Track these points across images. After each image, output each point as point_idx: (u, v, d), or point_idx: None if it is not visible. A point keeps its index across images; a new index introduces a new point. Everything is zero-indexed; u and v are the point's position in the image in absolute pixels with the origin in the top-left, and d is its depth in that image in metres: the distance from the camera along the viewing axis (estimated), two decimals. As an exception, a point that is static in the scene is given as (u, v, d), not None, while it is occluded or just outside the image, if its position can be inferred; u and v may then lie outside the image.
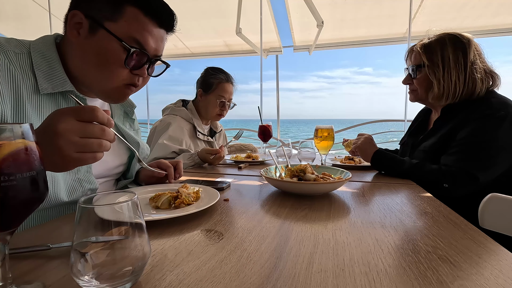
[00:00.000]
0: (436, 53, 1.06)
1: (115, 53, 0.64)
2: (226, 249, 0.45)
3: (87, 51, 0.65)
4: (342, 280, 0.36)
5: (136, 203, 0.34)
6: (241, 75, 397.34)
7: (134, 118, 0.96)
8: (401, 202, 0.72)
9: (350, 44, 4.05)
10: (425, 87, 1.13)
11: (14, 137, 0.31)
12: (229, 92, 1.62)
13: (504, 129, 0.94)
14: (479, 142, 0.95)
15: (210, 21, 3.95)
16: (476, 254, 0.43)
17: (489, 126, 0.95)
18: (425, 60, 1.08)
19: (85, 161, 0.49)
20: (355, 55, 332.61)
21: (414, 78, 1.16)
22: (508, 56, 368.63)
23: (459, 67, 1.04)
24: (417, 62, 1.12)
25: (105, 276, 0.32)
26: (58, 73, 0.65)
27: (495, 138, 0.94)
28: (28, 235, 0.50)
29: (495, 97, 1.02)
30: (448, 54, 1.04)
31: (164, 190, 0.73)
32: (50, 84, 0.64)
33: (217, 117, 1.66)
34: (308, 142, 1.30)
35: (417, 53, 1.12)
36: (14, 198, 0.31)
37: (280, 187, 0.81)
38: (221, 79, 1.60)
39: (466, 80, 1.03)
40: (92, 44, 0.64)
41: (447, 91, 1.05)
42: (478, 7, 3.18)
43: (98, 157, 0.50)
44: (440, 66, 1.05)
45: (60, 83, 0.65)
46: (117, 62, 0.65)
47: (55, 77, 0.65)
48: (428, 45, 1.09)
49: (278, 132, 4.45)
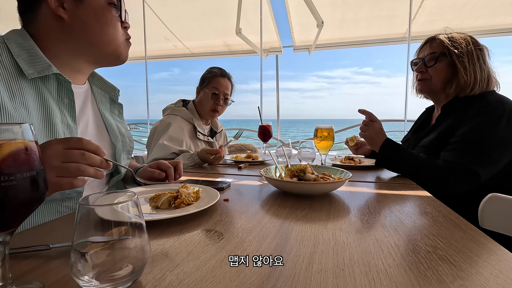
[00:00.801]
0: (461, 45, 1.08)
1: (108, 9, 0.70)
2: (226, 249, 0.45)
3: (85, 19, 0.68)
4: (342, 280, 0.36)
5: (136, 203, 0.34)
6: (241, 75, 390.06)
7: (121, 103, 0.95)
8: (401, 202, 0.72)
9: (350, 44, 4.05)
10: (443, 76, 1.12)
11: (14, 137, 0.31)
12: (223, 85, 1.59)
13: (502, 126, 0.95)
14: (478, 139, 0.96)
15: (210, 21, 3.95)
16: (476, 254, 0.43)
17: (487, 123, 0.97)
18: (451, 49, 1.08)
19: (62, 186, 0.49)
20: (355, 55, 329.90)
21: (431, 66, 1.13)
22: (508, 56, 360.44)
23: (480, 62, 1.07)
24: (440, 49, 1.11)
25: (105, 276, 0.32)
26: (40, 59, 0.66)
27: (493, 135, 0.95)
28: (28, 235, 0.50)
29: (493, 95, 1.04)
30: (472, 49, 1.07)
31: (164, 190, 0.73)
32: (35, 69, 0.65)
33: (211, 114, 1.61)
34: (308, 142, 1.30)
35: (440, 41, 1.11)
36: (14, 198, 0.31)
37: (280, 187, 0.81)
38: (215, 73, 1.60)
39: (484, 74, 1.06)
40: (86, 11, 0.68)
41: (473, 80, 1.06)
42: (478, 7, 3.18)
43: (76, 183, 0.50)
44: (466, 56, 1.07)
45: (45, 67, 0.66)
46: (114, 18, 0.71)
47: (38, 63, 0.65)
48: (452, 37, 1.11)
49: (278, 132, 4.45)
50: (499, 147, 0.95)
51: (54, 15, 0.67)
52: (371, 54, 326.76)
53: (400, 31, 3.65)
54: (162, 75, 24.75)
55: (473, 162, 0.94)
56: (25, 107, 0.62)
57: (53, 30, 0.68)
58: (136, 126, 7.25)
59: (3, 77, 0.60)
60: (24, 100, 0.62)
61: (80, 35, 0.69)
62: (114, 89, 0.91)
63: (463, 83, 1.07)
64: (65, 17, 0.67)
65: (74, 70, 0.76)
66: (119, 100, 0.95)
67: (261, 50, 3.65)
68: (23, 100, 0.62)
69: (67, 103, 0.72)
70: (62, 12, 0.66)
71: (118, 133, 0.88)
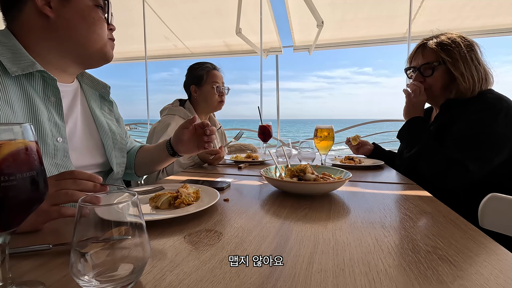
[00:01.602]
0: (453, 50, 1.07)
1: (94, 10, 0.72)
2: (226, 249, 0.45)
3: (71, 18, 0.69)
4: (342, 280, 0.36)
5: (136, 203, 0.34)
6: (241, 75, 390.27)
7: (112, 101, 0.95)
8: (401, 202, 0.72)
9: (350, 44, 4.04)
10: (442, 84, 1.12)
11: (14, 137, 0.31)
12: (219, 77, 1.66)
13: (499, 123, 0.96)
14: (473, 135, 0.97)
15: (210, 21, 3.95)
16: (476, 254, 0.43)
17: (484, 120, 0.97)
18: (444, 57, 1.08)
19: (50, 214, 0.50)
20: (355, 55, 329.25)
21: (428, 76, 1.14)
22: (508, 56, 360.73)
23: (475, 63, 1.07)
24: (434, 59, 1.11)
25: (105, 276, 0.32)
26: (24, 56, 0.66)
27: (489, 131, 0.96)
28: (28, 235, 0.50)
29: (491, 93, 1.04)
30: (465, 52, 1.06)
31: (164, 190, 0.73)
32: (19, 67, 0.65)
33: (219, 105, 1.67)
34: (308, 142, 1.29)
35: (432, 50, 1.11)
36: (14, 198, 0.31)
37: (280, 187, 0.81)
38: (209, 68, 1.65)
39: (481, 74, 1.06)
40: (72, 10, 0.69)
41: (472, 83, 1.05)
42: (478, 8, 3.17)
43: (64, 211, 0.50)
44: (460, 61, 1.06)
45: (29, 64, 0.66)
46: (101, 18, 0.73)
47: (22, 61, 0.66)
48: (442, 42, 1.10)
49: (278, 132, 4.45)
50: (494, 144, 0.96)
51: (39, 13, 0.67)
52: (371, 54, 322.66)
53: (400, 31, 3.65)
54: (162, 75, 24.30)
55: (464, 156, 0.96)
56: (10, 105, 0.62)
57: (37, 28, 0.69)
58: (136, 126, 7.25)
59: None
60: (8, 98, 0.63)
61: (65, 33, 0.70)
62: (104, 86, 0.91)
63: (463, 89, 1.07)
64: (51, 16, 0.68)
65: (60, 69, 0.77)
66: (114, 98, 0.96)
67: (261, 50, 3.65)
68: (7, 98, 0.62)
69: (54, 101, 0.72)
70: (48, 10, 0.67)
71: (109, 130, 0.88)
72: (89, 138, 0.83)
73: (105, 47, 0.77)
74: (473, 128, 0.98)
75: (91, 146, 0.83)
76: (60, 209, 0.50)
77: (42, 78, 0.70)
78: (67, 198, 0.51)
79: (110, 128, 0.89)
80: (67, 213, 0.51)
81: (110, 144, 0.87)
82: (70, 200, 0.51)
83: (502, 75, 1.09)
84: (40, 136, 0.67)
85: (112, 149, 0.87)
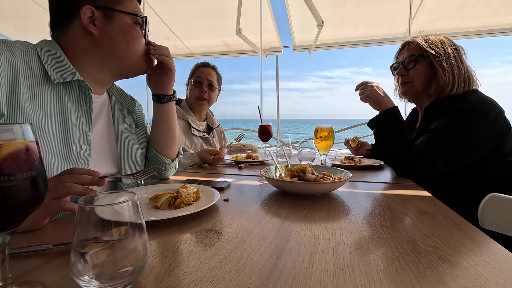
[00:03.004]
0: (438, 46, 1.10)
1: (134, 27, 0.77)
2: (226, 249, 0.45)
3: (113, 35, 0.75)
4: (342, 280, 0.36)
5: (136, 203, 0.34)
6: (241, 75, 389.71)
7: (135, 113, 0.97)
8: (401, 202, 0.72)
9: (350, 44, 4.04)
10: (423, 77, 1.14)
11: (14, 137, 0.31)
12: (204, 73, 1.64)
13: (474, 126, 0.97)
14: (448, 133, 0.99)
15: (210, 21, 3.95)
16: (476, 254, 0.43)
17: (460, 120, 0.99)
18: (428, 50, 1.10)
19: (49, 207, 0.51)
20: (354, 55, 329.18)
21: (411, 68, 1.16)
22: (508, 56, 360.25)
23: (458, 61, 1.09)
24: (418, 51, 1.14)
25: (105, 276, 0.32)
26: (66, 66, 0.71)
27: (464, 132, 0.98)
28: (28, 235, 0.50)
29: (474, 95, 1.05)
30: (448, 50, 1.10)
31: (164, 190, 0.73)
32: (60, 75, 0.70)
33: (198, 102, 1.64)
34: (308, 142, 1.30)
35: (417, 44, 1.14)
36: (14, 198, 0.31)
37: (280, 187, 0.81)
38: (197, 65, 1.67)
39: (462, 73, 1.09)
40: (115, 28, 0.75)
41: (451, 79, 1.08)
42: (477, 7, 3.18)
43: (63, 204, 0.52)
44: (443, 56, 1.09)
45: (70, 73, 0.71)
46: (139, 35, 0.79)
47: (64, 69, 0.71)
48: (429, 39, 1.13)
49: (278, 132, 4.45)
50: (463, 145, 0.97)
51: (85, 31, 0.73)
52: (371, 54, 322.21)
53: (400, 30, 3.65)
54: (162, 75, 24.88)
55: (432, 152, 0.98)
56: (43, 110, 0.67)
57: (82, 43, 0.74)
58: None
59: (29, 80, 0.65)
60: (43, 103, 0.67)
61: (107, 49, 0.76)
62: (131, 99, 0.96)
63: (443, 83, 1.09)
64: (95, 33, 0.73)
65: (97, 81, 0.81)
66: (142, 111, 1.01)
67: (261, 50, 3.65)
68: (42, 104, 0.67)
69: (85, 110, 0.76)
70: (93, 28, 0.73)
71: (127, 142, 0.90)
72: (107, 148, 0.85)
73: (142, 60, 0.82)
74: (445, 127, 1.01)
75: (108, 156, 0.85)
76: (59, 201, 0.51)
77: (79, 87, 0.74)
78: (64, 190, 0.52)
79: (129, 140, 0.91)
80: (66, 206, 0.51)
81: (126, 156, 0.89)
82: (68, 191, 0.52)
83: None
84: (66, 141, 0.70)
85: (126, 160, 0.89)
